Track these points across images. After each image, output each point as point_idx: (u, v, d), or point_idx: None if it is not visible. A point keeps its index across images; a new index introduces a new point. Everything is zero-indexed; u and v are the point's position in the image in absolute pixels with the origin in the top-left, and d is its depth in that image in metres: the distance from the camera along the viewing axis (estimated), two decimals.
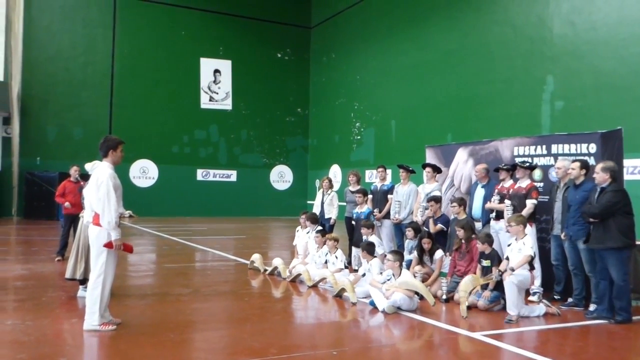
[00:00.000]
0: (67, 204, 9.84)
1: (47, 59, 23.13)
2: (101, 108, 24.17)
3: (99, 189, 5.27)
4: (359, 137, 24.52)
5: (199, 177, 26.16)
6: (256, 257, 9.54)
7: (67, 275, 6.97)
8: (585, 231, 6.49)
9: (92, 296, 5.31)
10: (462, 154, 9.33)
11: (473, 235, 7.35)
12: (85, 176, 10.57)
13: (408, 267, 7.68)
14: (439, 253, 7.76)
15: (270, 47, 27.79)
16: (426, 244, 7.82)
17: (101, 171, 5.37)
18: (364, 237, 8.59)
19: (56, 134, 23.27)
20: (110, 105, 24.38)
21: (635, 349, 5.44)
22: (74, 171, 10.23)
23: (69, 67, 23.60)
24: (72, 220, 9.92)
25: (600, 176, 6.25)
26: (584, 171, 6.72)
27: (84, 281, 6.81)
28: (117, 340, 5.13)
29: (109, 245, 5.28)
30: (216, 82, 26.78)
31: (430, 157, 9.99)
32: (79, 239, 6.98)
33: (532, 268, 6.46)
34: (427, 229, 8.29)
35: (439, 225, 8.31)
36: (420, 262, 7.87)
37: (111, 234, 5.26)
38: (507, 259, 6.52)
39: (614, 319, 6.11)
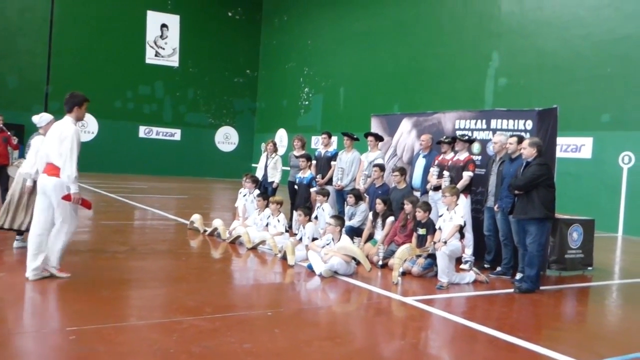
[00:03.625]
0: None
1: None
2: (39, 57, 22.98)
3: (63, 143, 5.41)
4: (307, 103, 24.42)
5: (142, 134, 25.49)
6: (196, 218, 9.45)
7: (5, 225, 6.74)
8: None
9: (56, 241, 5.46)
10: (406, 124, 9.46)
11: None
12: (8, 125, 10.16)
13: (348, 233, 7.79)
14: (391, 218, 7.88)
15: (220, 5, 27.04)
16: (378, 204, 7.89)
17: (66, 126, 5.49)
18: (317, 205, 8.64)
19: None
20: (49, 54, 23.20)
21: (554, 314, 5.79)
22: None
23: (4, 10, 22.20)
24: None
25: (528, 151, 6.51)
26: (520, 146, 6.97)
27: (20, 232, 6.76)
28: (47, 296, 5.00)
29: (67, 198, 5.41)
30: (163, 37, 25.90)
31: (375, 126, 10.08)
32: (15, 189, 6.75)
33: (462, 237, 6.73)
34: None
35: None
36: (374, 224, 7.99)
37: (70, 187, 5.41)
38: (440, 229, 6.75)
39: (518, 288, 6.35)
